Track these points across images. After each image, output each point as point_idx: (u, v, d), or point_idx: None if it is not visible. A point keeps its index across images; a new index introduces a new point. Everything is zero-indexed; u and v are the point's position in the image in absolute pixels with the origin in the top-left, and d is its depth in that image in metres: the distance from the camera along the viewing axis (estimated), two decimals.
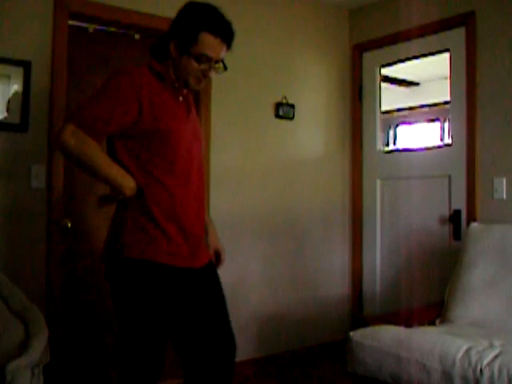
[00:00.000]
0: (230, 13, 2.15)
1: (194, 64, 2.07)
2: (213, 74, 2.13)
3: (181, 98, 2.16)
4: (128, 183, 2.02)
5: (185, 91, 2.20)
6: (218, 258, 2.44)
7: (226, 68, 2.18)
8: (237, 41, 2.20)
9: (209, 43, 2.04)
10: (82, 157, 1.95)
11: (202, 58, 2.06)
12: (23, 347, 2.29)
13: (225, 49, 2.11)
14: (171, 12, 3.53)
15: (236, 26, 2.18)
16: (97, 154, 1.96)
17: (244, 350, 2.30)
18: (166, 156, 2.05)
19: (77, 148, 1.92)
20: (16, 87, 3.08)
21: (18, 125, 3.08)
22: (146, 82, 2.03)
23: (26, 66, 3.09)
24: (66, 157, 2.03)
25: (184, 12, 2.12)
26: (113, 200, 2.13)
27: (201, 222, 2.21)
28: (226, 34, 2.09)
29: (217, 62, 2.11)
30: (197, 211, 2.17)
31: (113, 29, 3.51)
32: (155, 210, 2.04)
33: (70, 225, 3.30)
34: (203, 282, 2.18)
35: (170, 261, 2.05)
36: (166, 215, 2.05)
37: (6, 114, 3.05)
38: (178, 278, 2.07)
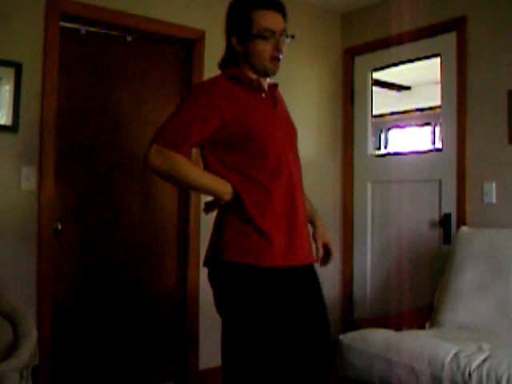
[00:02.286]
0: (220, 18, 2.16)
1: (262, 43, 2.08)
2: (284, 47, 2.12)
3: (263, 95, 2.16)
4: (224, 188, 2.04)
5: (267, 87, 2.20)
6: (326, 252, 2.34)
7: (292, 36, 2.18)
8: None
9: (263, 17, 2.07)
10: (172, 172, 2.01)
11: (265, 33, 2.07)
12: (12, 349, 2.28)
13: (281, 18, 2.12)
14: (163, 14, 3.58)
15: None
16: (185, 167, 2.01)
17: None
18: (256, 153, 2.07)
19: (164, 165, 1.98)
20: (7, 88, 3.07)
21: (8, 126, 3.07)
22: (222, 89, 2.07)
23: (17, 67, 3.08)
24: (158, 176, 2.06)
25: (230, 9, 2.16)
26: (215, 206, 2.14)
27: (298, 215, 2.14)
28: (274, 3, 2.11)
29: (281, 34, 2.11)
30: (293, 204, 2.13)
31: (105, 31, 3.50)
32: (252, 211, 2.03)
33: (60, 227, 3.29)
34: (302, 283, 2.15)
35: (269, 262, 2.03)
36: (263, 214, 2.04)
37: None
38: (278, 278, 2.05)
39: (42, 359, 2.56)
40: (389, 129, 7.27)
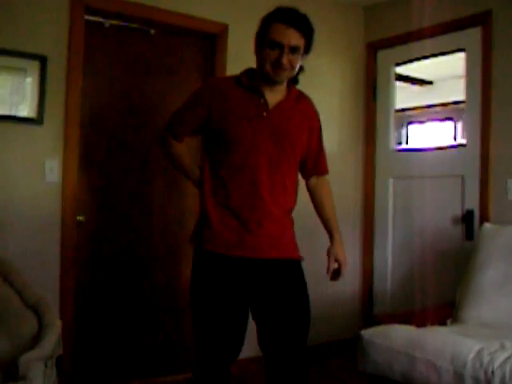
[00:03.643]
0: (243, 12, 2.17)
1: (267, 51, 2.19)
2: (287, 61, 2.17)
3: (262, 101, 2.26)
4: (193, 176, 2.39)
5: (269, 94, 2.27)
6: (338, 268, 2.52)
7: (296, 50, 2.20)
8: (250, 39, 2.26)
9: (276, 29, 2.17)
10: (164, 152, 2.48)
11: (272, 44, 2.17)
12: (36, 339, 2.31)
13: (295, 34, 2.17)
14: (186, 8, 3.59)
15: (249, 25, 2.19)
16: (171, 150, 2.42)
17: (253, 348, 2.33)
18: (223, 150, 2.26)
19: (163, 147, 2.46)
20: (32, 81, 3.10)
21: (33, 118, 3.10)
22: (219, 87, 2.30)
23: (42, 59, 3.11)
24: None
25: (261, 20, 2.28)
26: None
27: (258, 215, 2.25)
28: (292, 19, 2.18)
29: (293, 50, 2.18)
30: (251, 203, 2.24)
31: (129, 24, 3.52)
32: (207, 201, 2.27)
33: (83, 219, 3.32)
34: (259, 274, 2.26)
35: (213, 248, 2.24)
36: (217, 205, 2.25)
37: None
38: (224, 264, 2.23)
39: (65, 348, 2.59)
40: (408, 123, 7.22)
